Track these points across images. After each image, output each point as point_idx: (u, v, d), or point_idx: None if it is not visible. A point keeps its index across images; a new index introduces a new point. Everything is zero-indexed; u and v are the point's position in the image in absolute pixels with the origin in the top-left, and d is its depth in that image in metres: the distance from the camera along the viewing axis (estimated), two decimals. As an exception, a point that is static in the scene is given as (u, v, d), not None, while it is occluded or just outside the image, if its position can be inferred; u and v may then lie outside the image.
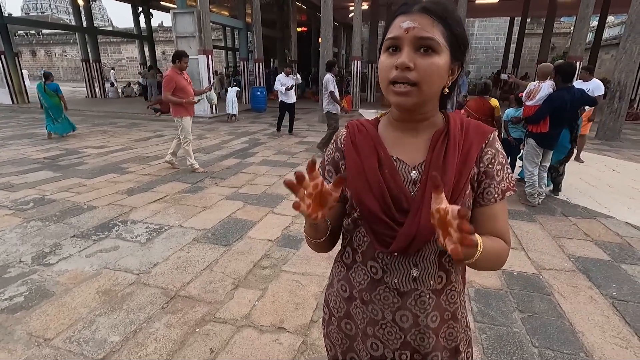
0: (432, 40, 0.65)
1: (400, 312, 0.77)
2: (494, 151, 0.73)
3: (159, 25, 33.28)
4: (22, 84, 13.68)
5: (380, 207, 0.72)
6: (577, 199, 4.15)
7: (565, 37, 23.55)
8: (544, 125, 3.72)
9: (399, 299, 0.76)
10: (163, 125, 9.77)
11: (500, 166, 0.73)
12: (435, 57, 0.65)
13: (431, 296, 0.76)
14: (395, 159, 0.74)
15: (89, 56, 16.94)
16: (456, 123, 0.74)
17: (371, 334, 0.80)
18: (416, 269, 0.74)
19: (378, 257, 0.76)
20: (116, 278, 2.45)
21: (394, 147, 0.76)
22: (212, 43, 10.96)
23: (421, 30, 0.65)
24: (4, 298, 2.21)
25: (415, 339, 0.77)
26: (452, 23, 0.67)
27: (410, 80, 0.65)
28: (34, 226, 3.25)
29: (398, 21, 0.67)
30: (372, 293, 0.78)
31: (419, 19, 0.65)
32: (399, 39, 0.66)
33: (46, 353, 1.77)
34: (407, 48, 0.65)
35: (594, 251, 2.92)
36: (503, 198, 0.73)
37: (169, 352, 1.81)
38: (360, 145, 0.77)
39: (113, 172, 5.08)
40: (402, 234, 0.70)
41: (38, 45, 37.41)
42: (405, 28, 0.65)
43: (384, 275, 0.76)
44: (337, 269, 0.87)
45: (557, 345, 1.89)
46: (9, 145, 6.88)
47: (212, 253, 2.81)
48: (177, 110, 4.99)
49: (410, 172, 0.73)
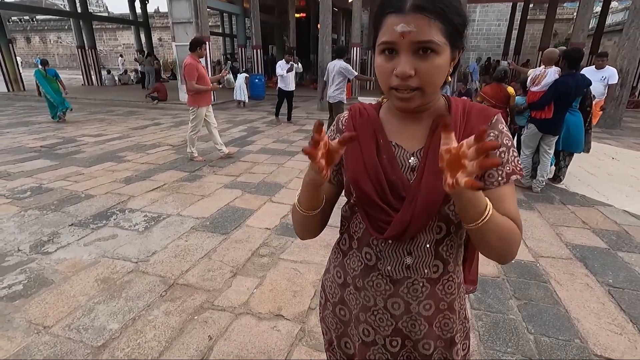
0: (431, 42, 0.61)
1: (392, 300, 0.76)
2: (497, 133, 0.70)
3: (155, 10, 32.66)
4: (17, 72, 13.50)
5: (376, 191, 0.71)
6: (575, 187, 4.15)
7: (568, 23, 23.21)
8: (549, 111, 3.73)
9: (391, 286, 0.76)
10: (161, 114, 9.69)
11: (504, 148, 0.69)
12: (436, 58, 0.62)
13: (425, 285, 0.75)
14: (394, 145, 0.73)
15: (84, 43, 16.67)
16: (458, 108, 0.72)
17: (363, 320, 0.80)
18: (410, 257, 0.74)
19: (372, 243, 0.76)
20: (115, 266, 2.46)
21: (394, 133, 0.74)
22: (209, 29, 10.76)
23: (418, 34, 0.60)
24: (3, 286, 2.22)
25: (406, 326, 0.77)
26: (450, 15, 0.62)
27: (413, 87, 0.63)
28: (31, 215, 3.24)
29: (391, 22, 0.62)
30: (365, 279, 0.78)
31: (413, 20, 0.60)
32: (394, 44, 0.62)
33: (46, 340, 1.79)
34: (404, 53, 0.62)
35: (592, 239, 2.93)
36: (508, 181, 0.68)
37: (167, 339, 1.82)
38: (360, 129, 0.76)
39: (110, 161, 5.05)
40: (397, 220, 0.69)
41: (32, 32, 36.80)
42: (401, 32, 0.60)
43: (378, 262, 0.76)
44: (334, 255, 0.88)
45: (552, 331, 1.90)
46: (5, 133, 6.82)
47: (211, 241, 2.82)
48: (195, 100, 4.89)
49: (408, 158, 0.72)
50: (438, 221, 0.71)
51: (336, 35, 22.98)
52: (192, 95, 4.87)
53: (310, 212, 0.74)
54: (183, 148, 5.85)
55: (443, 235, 0.73)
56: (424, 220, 0.69)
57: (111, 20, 23.88)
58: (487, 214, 0.59)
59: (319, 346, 1.79)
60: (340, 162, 0.79)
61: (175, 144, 6.19)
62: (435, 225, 0.72)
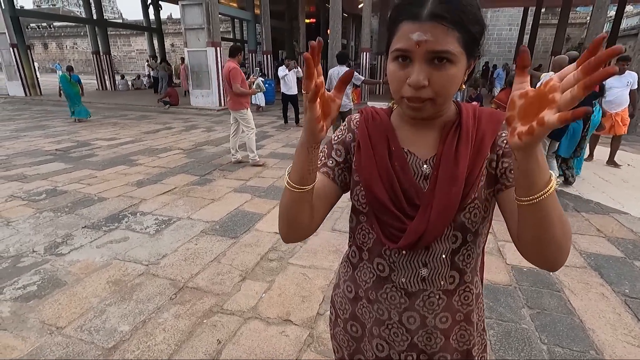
0: (447, 53, 0.58)
1: (407, 314, 0.74)
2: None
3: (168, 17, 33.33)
4: (34, 77, 13.87)
5: (389, 197, 0.69)
6: (590, 194, 4.07)
7: (581, 27, 22.90)
8: None
9: (406, 299, 0.73)
10: (172, 118, 9.83)
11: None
12: (452, 68, 0.60)
13: (441, 297, 0.72)
14: (407, 152, 0.71)
15: (99, 48, 17.07)
16: (468, 113, 0.70)
17: (377, 334, 0.78)
18: (425, 269, 0.71)
19: (385, 254, 0.73)
20: (126, 269, 2.49)
21: (405, 140, 0.73)
22: (220, 35, 10.93)
23: (434, 44, 0.58)
24: (18, 287, 2.26)
25: (422, 340, 0.75)
26: (468, 24, 0.59)
27: (424, 98, 0.61)
28: (46, 217, 3.31)
29: (406, 29, 0.59)
30: (379, 292, 0.76)
31: (430, 29, 0.57)
32: (409, 52, 0.60)
33: (58, 341, 1.82)
34: (419, 62, 0.60)
35: (607, 248, 2.87)
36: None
37: (177, 342, 1.83)
38: (372, 132, 0.74)
39: (123, 164, 5.14)
40: (412, 229, 0.67)
41: (50, 38, 37.83)
42: (417, 41, 0.58)
43: (391, 273, 0.73)
44: (344, 269, 0.85)
45: (566, 342, 1.86)
46: (22, 136, 7.00)
47: (220, 245, 2.84)
48: (241, 103, 5.01)
49: (421, 166, 0.70)
50: (454, 230, 0.69)
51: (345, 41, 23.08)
52: (237, 98, 4.93)
53: (301, 188, 0.62)
54: (194, 152, 5.93)
55: (459, 245, 0.70)
56: (440, 228, 0.67)
57: (125, 26, 24.42)
58: (553, 181, 0.50)
59: (328, 352, 1.78)
60: (349, 162, 0.76)
61: (186, 148, 6.26)
62: (451, 235, 0.69)
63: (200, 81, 11.02)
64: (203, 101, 11.22)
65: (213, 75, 10.80)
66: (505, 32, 24.50)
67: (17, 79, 13.36)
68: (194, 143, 6.66)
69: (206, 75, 10.87)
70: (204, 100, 11.22)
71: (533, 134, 0.44)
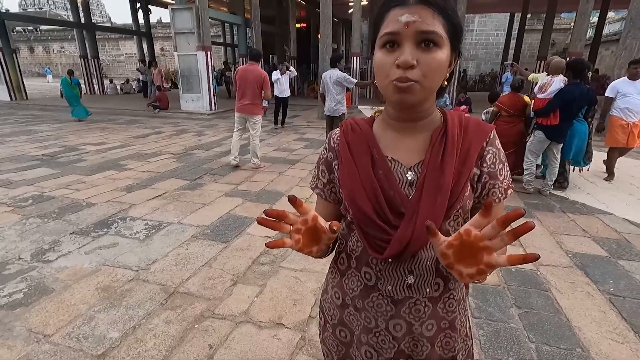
0: (434, 34, 0.60)
1: (393, 321, 0.74)
2: (496, 150, 0.70)
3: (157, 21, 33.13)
4: (20, 81, 13.62)
5: (374, 209, 0.69)
6: (575, 196, 4.16)
7: (566, 33, 23.47)
8: (554, 118, 3.84)
9: (392, 307, 0.74)
10: (162, 122, 9.75)
11: (502, 165, 0.71)
12: (438, 52, 0.61)
13: (427, 304, 0.73)
14: (390, 159, 0.71)
15: (87, 52, 16.87)
16: (454, 121, 0.71)
17: (365, 342, 0.78)
18: (412, 276, 0.71)
19: (372, 262, 0.74)
20: (115, 274, 2.46)
21: (389, 147, 0.73)
22: (211, 39, 10.90)
23: (423, 24, 0.60)
24: (4, 294, 2.22)
25: (408, 346, 0.76)
26: (451, 13, 0.63)
27: (414, 79, 0.61)
28: (32, 223, 3.25)
29: (395, 14, 0.62)
30: (365, 300, 0.76)
31: (418, 11, 0.60)
32: (398, 34, 0.61)
33: (46, 349, 1.78)
34: (408, 44, 0.61)
35: (592, 247, 2.93)
36: (506, 197, 0.71)
37: (168, 347, 1.81)
38: (353, 145, 0.74)
39: (112, 169, 5.08)
40: (397, 238, 0.67)
41: (36, 42, 37.24)
42: (405, 22, 0.60)
43: (378, 282, 0.74)
44: (332, 275, 0.85)
45: (554, 340, 1.90)
46: (7, 142, 6.86)
47: (211, 249, 2.82)
48: (260, 108, 5.12)
49: (405, 173, 0.70)
50: None
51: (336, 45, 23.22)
52: (259, 103, 5.00)
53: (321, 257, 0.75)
54: (184, 156, 5.90)
55: None
56: (425, 237, 0.66)
57: (114, 30, 24.20)
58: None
59: (320, 355, 1.78)
60: (334, 180, 0.78)
61: (177, 152, 6.22)
62: None
63: (191, 85, 10.96)
64: (193, 105, 11.16)
65: (203, 79, 10.76)
66: (492, 37, 24.97)
67: (2, 83, 13.10)
68: (184, 147, 6.62)
69: (196, 80, 10.82)
70: (194, 104, 11.16)
71: (485, 274, 0.53)
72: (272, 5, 17.02)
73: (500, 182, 0.70)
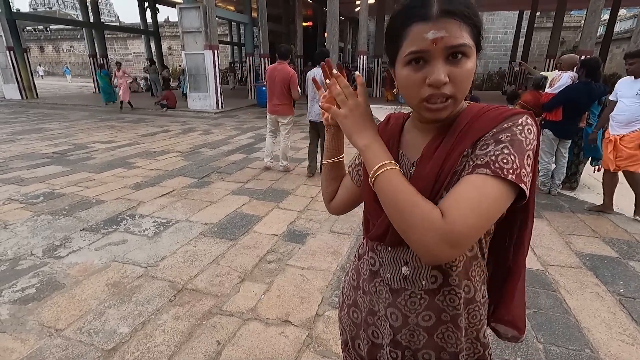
0: (464, 46, 0.59)
1: (390, 309, 0.76)
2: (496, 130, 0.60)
3: (165, 20, 33.33)
4: (30, 80, 13.81)
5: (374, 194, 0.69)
6: (585, 196, 4.11)
7: (576, 30, 23.14)
8: (556, 115, 3.81)
9: (390, 295, 0.76)
10: (169, 121, 9.83)
11: (491, 140, 0.59)
12: (467, 62, 0.60)
13: (423, 296, 0.72)
14: (401, 154, 0.75)
15: (96, 51, 17.06)
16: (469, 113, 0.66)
17: (371, 323, 0.82)
18: (407, 267, 0.72)
19: (377, 249, 0.78)
20: (125, 271, 2.49)
21: (406, 144, 0.75)
22: (218, 38, 10.95)
23: (451, 39, 0.58)
24: (17, 289, 2.26)
25: (405, 337, 0.76)
26: (473, 17, 0.60)
27: (447, 95, 0.60)
28: (44, 219, 3.31)
29: (418, 30, 0.59)
30: (370, 284, 0.80)
31: (444, 25, 0.57)
32: (426, 52, 0.59)
33: (58, 343, 1.82)
34: (437, 61, 0.59)
35: (602, 248, 2.90)
36: (472, 173, 0.58)
37: (176, 343, 1.84)
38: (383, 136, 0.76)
39: (121, 167, 5.14)
40: (380, 221, 0.72)
41: (46, 41, 37.71)
42: (433, 39, 0.58)
43: (380, 268, 0.78)
44: (354, 259, 0.90)
45: (562, 341, 1.88)
46: (18, 140, 6.98)
47: (219, 247, 2.84)
48: (292, 108, 4.89)
49: (410, 168, 0.72)
50: None
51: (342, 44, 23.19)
52: (289, 103, 4.75)
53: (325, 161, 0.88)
54: (192, 155, 5.94)
55: None
56: None
57: (123, 29, 24.39)
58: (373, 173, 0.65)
59: (326, 352, 1.79)
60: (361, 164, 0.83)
61: (184, 150, 6.27)
62: None
63: (198, 84, 11.03)
64: (200, 104, 11.23)
65: (210, 78, 10.81)
66: (500, 35, 24.70)
67: (14, 82, 13.30)
68: (192, 146, 6.67)
69: (203, 78, 10.88)
70: (201, 103, 11.22)
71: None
72: (278, 4, 17.05)
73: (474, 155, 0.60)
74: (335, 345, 1.84)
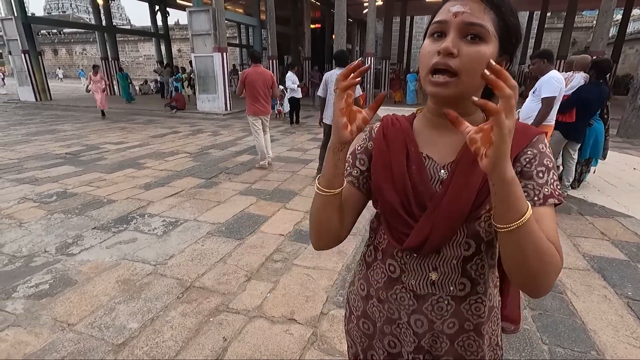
0: (481, 27, 0.60)
1: (415, 316, 0.74)
2: (536, 152, 0.66)
3: (175, 23, 33.80)
4: (44, 82, 14.14)
5: (400, 200, 0.70)
6: (595, 198, 4.06)
7: (588, 31, 22.81)
8: (570, 116, 3.78)
9: (414, 301, 0.74)
10: (179, 122, 9.96)
11: (543, 168, 0.64)
12: (482, 46, 0.60)
13: (450, 302, 0.72)
14: (425, 156, 0.72)
15: (107, 54, 17.38)
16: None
17: (389, 332, 0.79)
18: (435, 273, 0.71)
19: (397, 255, 0.75)
20: (134, 268, 2.55)
21: (426, 144, 0.73)
22: (226, 40, 11.07)
23: (470, 16, 0.60)
24: (31, 285, 2.33)
25: (428, 342, 0.75)
26: (505, 11, 0.62)
27: (452, 68, 0.60)
28: (57, 218, 3.40)
29: (448, 5, 0.63)
30: (389, 292, 0.76)
31: (470, 3, 0.60)
32: (445, 23, 0.62)
33: (70, 337, 1.87)
34: (452, 33, 0.60)
35: (611, 250, 2.87)
36: (544, 204, 0.62)
37: (184, 339, 1.88)
38: (390, 139, 0.75)
39: (131, 167, 5.23)
40: (416, 230, 0.68)
41: (60, 44, 38.53)
42: (454, 12, 0.61)
43: (402, 275, 0.74)
44: (359, 268, 0.86)
45: (567, 343, 1.88)
46: (33, 140, 7.15)
47: (226, 246, 2.89)
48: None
49: (439, 170, 0.70)
50: (467, 237, 0.68)
51: (351, 45, 23.21)
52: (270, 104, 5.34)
53: (329, 191, 0.68)
54: (200, 155, 6.02)
55: (472, 253, 0.69)
56: (445, 232, 0.67)
57: (133, 32, 24.78)
58: (527, 214, 0.53)
59: (331, 350, 1.82)
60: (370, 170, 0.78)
61: (193, 151, 6.35)
62: (464, 242, 0.68)
63: (207, 86, 11.17)
64: (209, 106, 11.36)
65: (219, 80, 10.94)
66: (510, 36, 24.47)
67: (28, 84, 13.63)
68: (200, 147, 6.76)
69: (212, 80, 11.02)
70: (210, 104, 11.36)
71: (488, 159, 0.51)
72: (287, 7, 17.15)
73: (537, 184, 0.64)
74: (339, 343, 1.86)
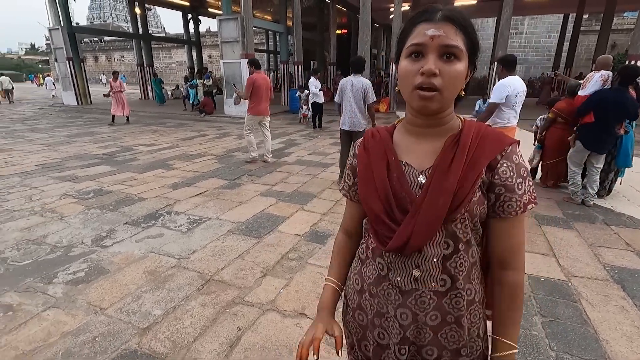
0: (456, 47, 0.68)
1: (400, 310, 0.80)
2: (513, 164, 0.73)
3: (206, 30, 35.04)
4: (86, 87, 15.11)
5: (384, 208, 0.76)
6: (623, 207, 3.91)
7: (629, 33, 21.62)
8: (590, 117, 3.71)
9: (400, 296, 0.79)
10: (207, 126, 10.37)
11: (521, 179, 0.73)
12: (458, 64, 0.68)
13: (432, 297, 0.77)
14: (404, 164, 0.78)
15: (143, 61, 18.31)
16: (471, 130, 0.75)
17: (378, 324, 0.85)
18: (418, 270, 0.76)
19: (385, 254, 0.80)
20: (160, 261, 2.74)
21: (405, 153, 0.79)
22: (254, 47, 11.42)
23: (446, 38, 0.67)
24: (69, 272, 2.57)
25: (412, 334, 0.81)
26: (470, 31, 0.71)
27: (436, 86, 0.68)
28: (93, 213, 3.68)
29: (422, 28, 0.69)
30: (378, 288, 0.83)
31: (443, 27, 0.68)
32: (424, 46, 0.68)
33: (101, 319, 2.07)
34: (432, 55, 0.68)
35: (634, 261, 2.78)
36: (525, 211, 0.73)
37: (202, 327, 2.03)
38: (372, 150, 0.82)
39: (161, 168, 5.55)
40: (399, 233, 0.74)
41: (100, 51, 40.90)
42: (431, 35, 0.68)
43: (389, 272, 0.80)
44: (355, 264, 0.92)
45: (577, 351, 1.86)
46: (74, 142, 7.70)
47: (245, 244, 3.04)
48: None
49: (417, 176, 0.76)
50: (445, 237, 0.74)
51: (376, 50, 23.20)
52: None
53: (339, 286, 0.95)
54: (225, 158, 6.28)
55: (451, 252, 0.75)
56: (426, 233, 0.72)
57: (167, 40, 26.02)
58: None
59: (338, 344, 1.90)
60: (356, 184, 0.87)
61: (218, 154, 6.62)
62: (443, 241, 0.74)
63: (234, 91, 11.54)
64: (236, 110, 11.72)
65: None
66: (543, 39, 23.63)
67: (71, 89, 14.62)
68: (226, 149, 7.03)
69: (240, 86, 11.37)
70: (236, 109, 11.70)
71: None
72: (313, 13, 17.43)
73: (518, 196, 0.72)
74: (345, 338, 1.94)
